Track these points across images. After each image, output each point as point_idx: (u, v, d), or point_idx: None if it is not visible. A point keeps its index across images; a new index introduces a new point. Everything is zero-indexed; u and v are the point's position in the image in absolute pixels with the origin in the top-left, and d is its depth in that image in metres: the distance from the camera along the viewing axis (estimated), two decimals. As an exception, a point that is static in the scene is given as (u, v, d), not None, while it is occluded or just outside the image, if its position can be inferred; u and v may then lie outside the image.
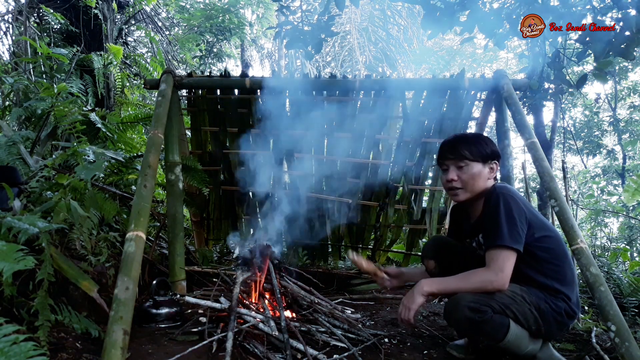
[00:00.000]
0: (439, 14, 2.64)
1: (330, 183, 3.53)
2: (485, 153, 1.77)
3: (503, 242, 1.62)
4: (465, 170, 1.78)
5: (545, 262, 1.72)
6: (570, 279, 1.74)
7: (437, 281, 1.74)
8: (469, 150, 1.77)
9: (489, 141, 1.82)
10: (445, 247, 1.99)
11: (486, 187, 1.80)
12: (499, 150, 1.83)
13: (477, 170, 1.77)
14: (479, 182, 1.78)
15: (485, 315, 1.59)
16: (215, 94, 3.22)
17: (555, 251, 1.73)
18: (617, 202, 8.58)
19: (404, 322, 1.73)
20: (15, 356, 1.05)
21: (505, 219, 1.64)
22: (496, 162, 1.80)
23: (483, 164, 1.78)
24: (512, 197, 1.68)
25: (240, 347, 1.78)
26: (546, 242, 1.72)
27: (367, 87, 3.09)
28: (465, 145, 1.78)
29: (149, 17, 7.06)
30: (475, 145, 1.78)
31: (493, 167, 1.79)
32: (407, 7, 10.53)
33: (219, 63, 9.27)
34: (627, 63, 9.33)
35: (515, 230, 1.63)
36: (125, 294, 1.60)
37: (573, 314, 1.73)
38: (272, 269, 2.22)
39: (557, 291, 1.71)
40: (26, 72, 4.41)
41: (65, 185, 2.15)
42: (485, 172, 1.78)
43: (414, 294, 1.71)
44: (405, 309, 1.72)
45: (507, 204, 1.66)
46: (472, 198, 1.82)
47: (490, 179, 1.81)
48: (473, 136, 1.86)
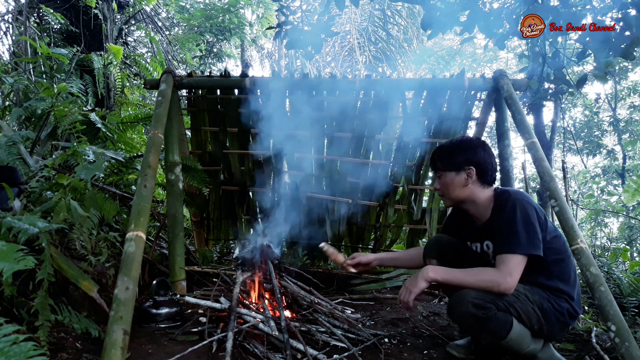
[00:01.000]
0: (439, 14, 2.64)
1: (330, 183, 3.53)
2: (456, 162, 1.83)
3: (520, 249, 1.64)
4: (441, 180, 1.89)
5: (552, 263, 1.73)
6: (573, 279, 1.76)
7: (443, 269, 1.77)
8: (441, 162, 1.89)
9: (465, 148, 1.84)
10: (448, 247, 1.99)
11: (473, 193, 1.83)
12: (479, 155, 1.83)
13: (449, 179, 1.85)
14: (454, 189, 1.85)
15: (489, 312, 1.60)
16: (215, 94, 3.22)
17: (561, 251, 1.75)
18: (617, 202, 8.57)
19: (403, 303, 1.76)
20: (15, 356, 1.05)
21: (523, 226, 1.66)
22: (472, 168, 1.81)
23: (456, 172, 1.83)
24: (529, 203, 1.71)
25: (240, 347, 1.78)
26: (555, 243, 1.74)
27: (367, 87, 3.09)
28: (439, 156, 1.90)
29: (149, 17, 7.06)
30: (448, 155, 1.87)
31: (470, 173, 1.81)
32: (407, 7, 10.52)
33: (219, 63, 9.26)
34: (627, 63, 9.33)
35: (534, 236, 1.65)
36: (125, 294, 1.60)
37: (575, 314, 1.74)
38: (272, 269, 2.22)
39: (561, 291, 1.72)
40: (26, 72, 4.41)
41: (65, 185, 2.15)
42: (460, 180, 1.83)
43: (417, 278, 1.74)
44: (407, 291, 1.75)
45: (524, 211, 1.68)
46: (464, 203, 1.87)
47: (469, 185, 1.82)
48: (449, 146, 1.91)
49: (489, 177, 1.84)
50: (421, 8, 2.72)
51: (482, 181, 1.83)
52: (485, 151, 1.84)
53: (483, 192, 1.83)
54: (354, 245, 3.81)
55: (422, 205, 3.66)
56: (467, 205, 1.87)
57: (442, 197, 1.95)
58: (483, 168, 1.81)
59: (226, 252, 4.06)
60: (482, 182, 1.83)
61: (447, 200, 1.92)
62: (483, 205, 1.83)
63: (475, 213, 1.88)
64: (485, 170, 1.82)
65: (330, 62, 11.91)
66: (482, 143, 1.87)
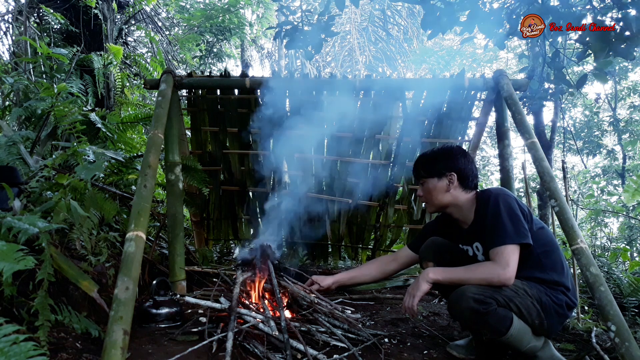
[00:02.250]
0: (439, 14, 2.65)
1: (330, 183, 3.53)
2: (437, 168, 1.91)
3: (509, 239, 1.68)
4: (424, 187, 1.96)
5: (542, 255, 1.77)
6: (566, 269, 1.80)
7: (442, 269, 1.81)
8: (423, 169, 1.96)
9: (446, 156, 1.92)
10: (443, 249, 2.00)
11: (456, 198, 1.90)
12: (460, 162, 1.90)
13: (432, 185, 1.92)
14: (436, 195, 1.92)
15: (489, 307, 1.61)
16: (215, 94, 3.22)
17: (549, 243, 1.80)
18: (617, 202, 8.57)
19: (408, 309, 1.80)
20: (15, 356, 1.05)
21: (508, 218, 1.70)
22: (454, 174, 1.88)
23: (438, 178, 1.91)
24: (509, 196, 1.77)
25: (240, 347, 1.78)
26: (542, 235, 1.79)
27: (367, 87, 3.09)
28: (422, 164, 1.97)
29: (149, 17, 7.06)
30: (429, 163, 1.95)
31: (452, 179, 1.88)
32: (407, 7, 10.53)
33: (219, 63, 9.26)
34: (627, 63, 9.33)
35: (520, 226, 1.70)
36: (125, 294, 1.60)
37: (573, 305, 1.77)
38: (272, 269, 2.22)
39: (557, 283, 1.74)
40: (26, 72, 4.41)
41: (65, 185, 2.15)
42: (442, 185, 1.90)
43: (419, 282, 1.79)
44: (410, 297, 1.79)
45: (506, 203, 1.73)
46: (447, 207, 1.93)
47: (451, 190, 1.89)
48: (431, 154, 1.98)
49: (470, 183, 1.91)
50: (421, 8, 2.72)
51: (463, 186, 1.90)
52: (465, 158, 1.92)
53: (465, 196, 1.90)
54: (354, 245, 3.81)
55: (422, 205, 3.65)
56: (451, 209, 1.94)
57: (426, 204, 2.01)
58: (464, 174, 1.89)
59: (226, 252, 4.06)
60: (463, 188, 1.90)
61: (431, 207, 1.98)
62: (466, 208, 1.90)
63: (459, 217, 1.94)
64: (465, 176, 1.89)
65: (330, 62, 11.91)
66: (462, 151, 1.96)
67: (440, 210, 1.97)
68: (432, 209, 1.99)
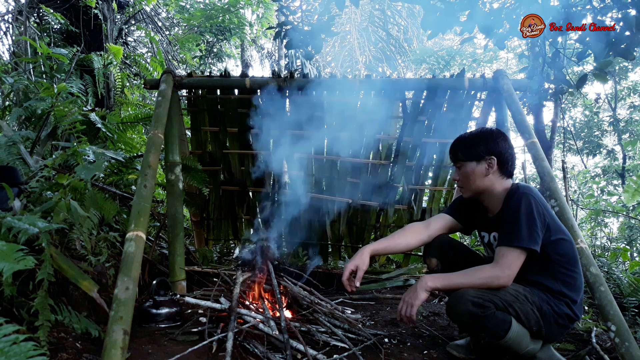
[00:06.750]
0: (439, 14, 2.65)
1: (330, 183, 3.53)
2: (477, 152, 1.82)
3: (519, 242, 1.64)
4: (462, 170, 1.87)
5: (557, 265, 1.72)
6: (579, 285, 1.75)
7: (441, 276, 1.74)
8: (462, 152, 1.86)
9: (486, 138, 1.83)
10: (448, 246, 1.98)
11: (493, 184, 1.82)
12: (501, 145, 1.81)
13: (470, 169, 1.83)
14: (475, 179, 1.83)
15: (488, 310, 1.60)
16: (215, 94, 3.22)
17: (568, 256, 1.75)
18: (617, 202, 8.56)
19: (405, 319, 1.71)
20: (15, 356, 1.05)
21: (526, 220, 1.66)
22: (494, 158, 1.80)
23: (477, 162, 1.82)
24: (534, 198, 1.70)
25: (241, 347, 1.78)
26: (561, 245, 1.74)
27: (367, 87, 3.09)
28: (460, 147, 1.88)
29: (149, 17, 7.06)
30: (468, 146, 1.85)
31: (491, 163, 1.80)
32: (407, 7, 10.53)
33: (219, 63, 9.26)
34: (627, 63, 9.33)
35: (534, 231, 1.65)
36: (125, 294, 1.60)
37: (575, 318, 1.74)
38: (272, 269, 2.22)
39: (563, 294, 1.71)
40: (26, 72, 4.41)
41: (65, 185, 2.15)
42: (481, 170, 1.82)
43: (417, 290, 1.70)
44: (407, 305, 1.70)
45: (528, 205, 1.68)
46: (482, 194, 1.86)
47: (489, 175, 1.81)
48: (469, 136, 1.89)
49: (509, 168, 1.84)
50: (421, 8, 2.72)
51: (502, 172, 1.83)
52: (506, 142, 1.84)
53: (501, 183, 1.83)
54: (354, 245, 3.81)
55: (422, 205, 3.65)
56: (484, 196, 1.87)
57: (461, 189, 1.91)
58: (504, 158, 1.81)
59: (226, 252, 4.06)
60: (502, 173, 1.83)
61: (467, 191, 1.89)
62: (498, 198, 1.83)
63: (489, 205, 1.88)
64: (505, 161, 1.82)
65: (330, 62, 11.91)
66: (502, 134, 1.87)
67: (476, 196, 1.88)
68: (468, 194, 1.89)
